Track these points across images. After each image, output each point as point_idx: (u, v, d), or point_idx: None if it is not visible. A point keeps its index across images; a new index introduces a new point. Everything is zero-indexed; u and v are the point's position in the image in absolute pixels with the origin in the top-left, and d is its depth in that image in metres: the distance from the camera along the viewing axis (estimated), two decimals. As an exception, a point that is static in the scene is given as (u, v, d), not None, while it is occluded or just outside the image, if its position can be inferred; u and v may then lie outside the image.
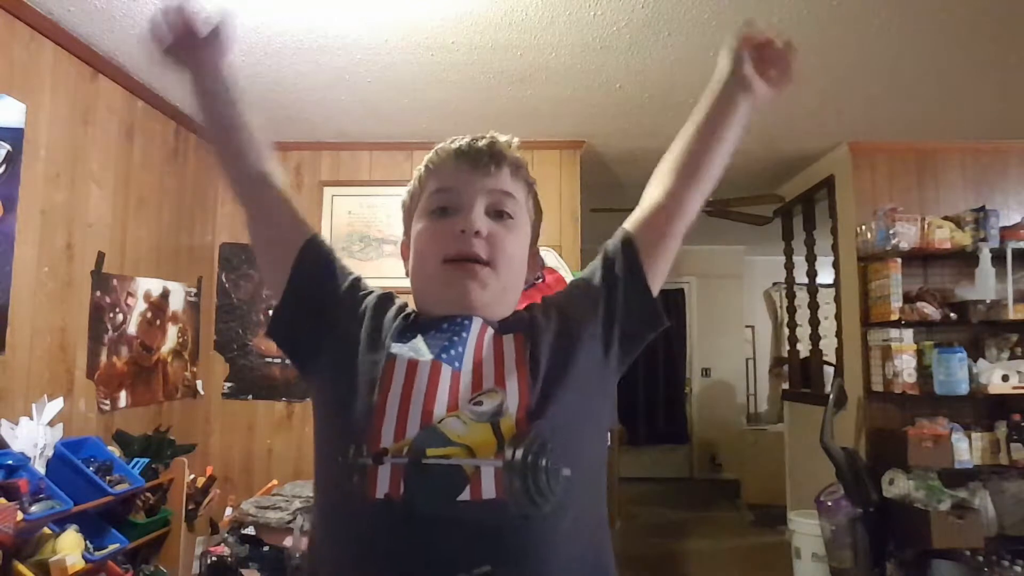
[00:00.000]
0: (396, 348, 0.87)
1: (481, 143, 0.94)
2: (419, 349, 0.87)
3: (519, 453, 0.77)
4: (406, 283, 0.98)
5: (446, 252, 0.89)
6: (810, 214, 4.56)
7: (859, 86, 3.11)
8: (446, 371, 0.84)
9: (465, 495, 0.76)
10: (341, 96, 3.25)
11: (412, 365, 0.84)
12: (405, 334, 0.90)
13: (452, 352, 0.86)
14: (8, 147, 2.34)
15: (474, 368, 0.84)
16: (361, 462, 0.78)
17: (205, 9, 0.92)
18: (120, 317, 3.00)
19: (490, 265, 0.89)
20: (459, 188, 0.92)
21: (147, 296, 3.19)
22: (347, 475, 0.79)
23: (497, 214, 0.91)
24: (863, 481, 3.40)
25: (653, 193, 1.01)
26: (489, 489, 0.76)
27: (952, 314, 3.48)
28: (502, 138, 0.96)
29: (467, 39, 2.68)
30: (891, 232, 3.52)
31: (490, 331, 0.89)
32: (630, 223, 0.98)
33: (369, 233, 3.89)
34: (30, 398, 2.42)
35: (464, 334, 0.88)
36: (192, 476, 3.12)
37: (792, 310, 5.06)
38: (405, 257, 0.98)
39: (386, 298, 0.97)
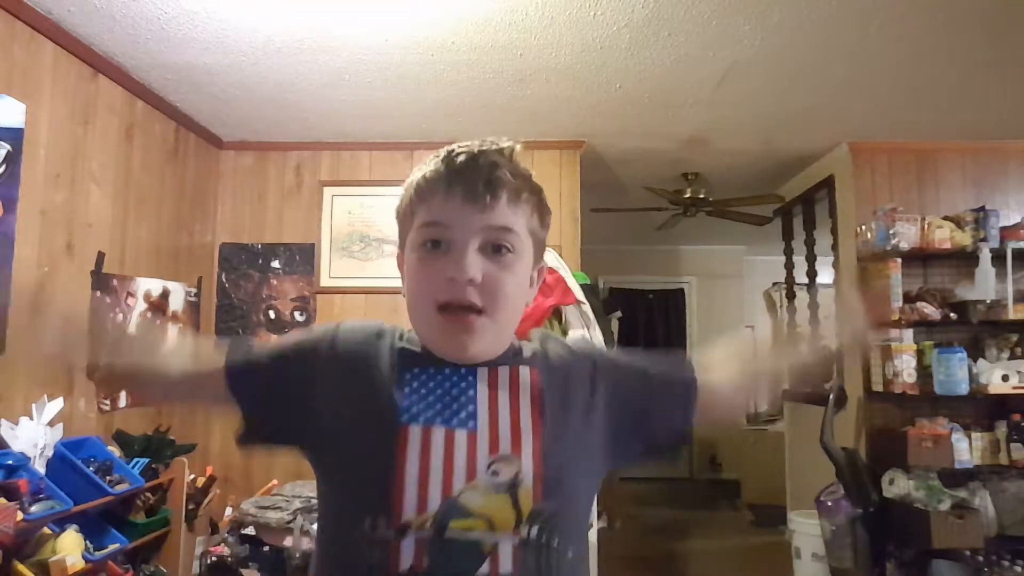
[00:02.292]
0: (406, 412, 0.83)
1: (479, 165, 0.84)
2: (429, 408, 0.84)
3: (535, 531, 0.80)
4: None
5: (438, 297, 0.84)
6: (810, 214, 4.56)
7: (859, 86, 3.11)
8: (460, 436, 0.83)
9: (484, 568, 0.78)
10: (341, 96, 3.25)
11: (426, 434, 0.82)
12: (408, 381, 0.86)
13: (463, 413, 0.84)
14: (8, 147, 2.34)
15: (490, 426, 0.84)
16: (382, 535, 0.79)
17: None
18: (120, 317, 3.00)
19: (485, 312, 0.84)
20: (451, 224, 0.84)
21: (147, 296, 3.19)
22: (368, 548, 0.79)
23: (494, 249, 0.85)
24: (863, 481, 3.40)
25: (727, 378, 0.98)
26: (506, 564, 0.78)
27: (952, 314, 3.48)
28: (502, 149, 0.87)
29: (467, 39, 2.68)
30: (891, 232, 3.51)
31: (502, 374, 0.88)
32: (701, 373, 0.95)
33: (369, 233, 3.89)
34: (30, 398, 2.42)
35: (471, 391, 0.86)
36: (192, 476, 3.12)
37: (792, 310, 5.06)
38: (402, 271, 0.94)
39: (370, 337, 0.91)
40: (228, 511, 3.47)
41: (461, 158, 0.85)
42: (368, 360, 0.88)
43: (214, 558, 3.25)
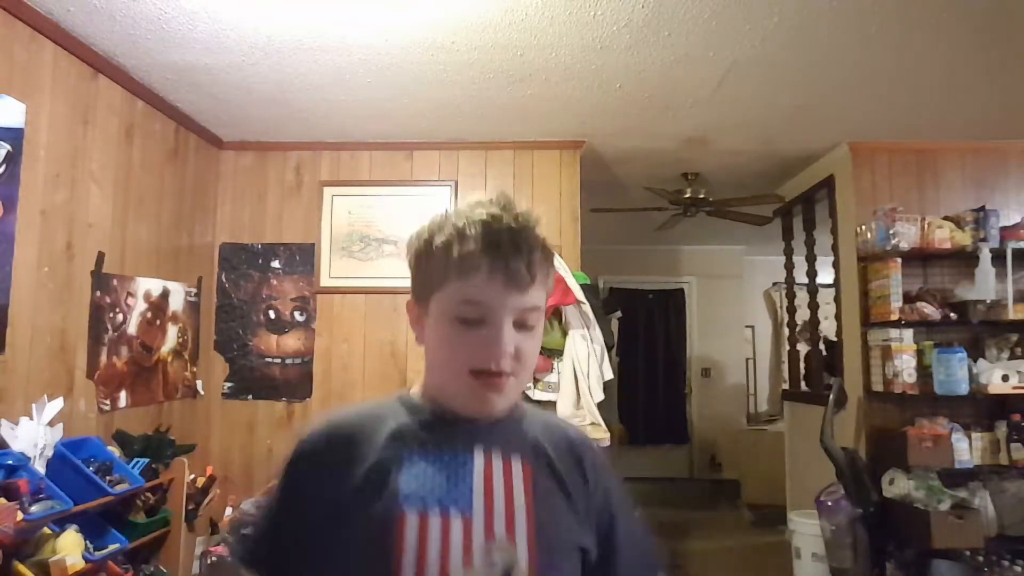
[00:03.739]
0: (404, 498, 0.86)
1: (520, 249, 0.88)
2: (427, 493, 0.86)
3: None
4: (406, 283, 0.97)
5: (472, 365, 0.88)
6: (810, 214, 4.56)
7: (859, 86, 3.10)
8: (456, 523, 0.85)
9: None
10: (341, 96, 3.25)
11: (423, 522, 0.84)
12: (407, 465, 0.88)
13: (459, 497, 0.87)
14: (8, 147, 2.34)
15: (485, 512, 0.87)
16: None
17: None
18: (120, 317, 3.00)
19: (514, 376, 0.89)
20: (490, 305, 0.87)
21: (147, 296, 3.19)
22: None
23: (523, 325, 0.89)
24: (863, 481, 3.40)
25: None
26: None
27: (952, 314, 3.48)
28: (528, 227, 0.90)
29: (467, 39, 2.68)
30: (891, 232, 3.51)
31: (496, 462, 0.91)
32: None
33: (369, 233, 3.89)
34: (30, 398, 2.42)
35: (469, 476, 0.89)
36: (192, 476, 3.12)
37: (792, 310, 5.06)
38: (415, 322, 0.96)
39: (353, 439, 0.91)
40: (228, 511, 3.47)
41: (504, 238, 0.88)
42: (350, 459, 0.89)
43: (214, 558, 3.25)
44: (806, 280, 4.66)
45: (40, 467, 2.32)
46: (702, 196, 4.67)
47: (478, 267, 0.87)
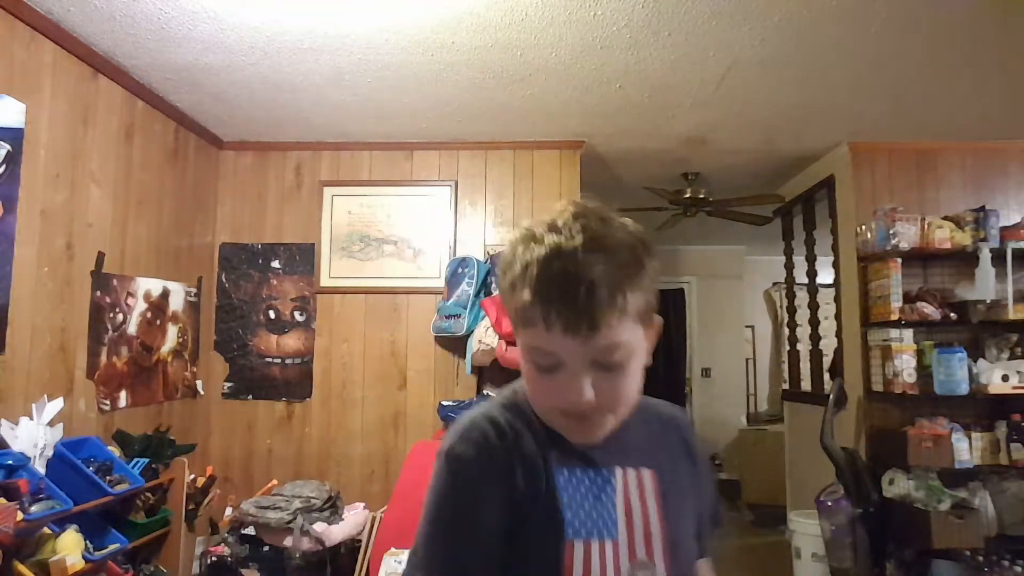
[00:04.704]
0: (569, 526, 0.87)
1: (576, 290, 0.78)
2: (585, 518, 0.88)
3: None
4: (406, 283, 0.97)
5: (558, 406, 0.85)
6: (810, 214, 4.56)
7: (859, 86, 3.10)
8: (608, 547, 0.88)
9: None
10: (341, 96, 3.25)
11: (587, 550, 0.87)
12: (563, 487, 0.89)
13: (608, 520, 0.89)
14: (8, 147, 2.34)
15: (628, 532, 0.90)
16: None
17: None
18: (120, 317, 3.00)
19: (606, 411, 0.85)
20: (557, 352, 0.81)
21: (147, 296, 3.19)
22: None
23: (604, 365, 0.82)
24: (863, 481, 3.40)
25: None
26: None
27: (952, 314, 3.48)
28: (597, 247, 0.80)
29: (467, 39, 2.68)
30: (891, 232, 3.51)
31: (631, 480, 0.93)
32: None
33: (369, 233, 3.89)
34: (30, 398, 2.43)
35: (612, 497, 0.91)
36: (192, 476, 3.12)
37: (792, 310, 5.06)
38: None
39: (505, 455, 0.87)
40: (228, 511, 3.47)
41: (560, 282, 0.79)
42: (511, 470, 0.87)
43: (214, 558, 3.25)
44: (806, 280, 4.66)
45: (40, 467, 2.32)
46: (702, 196, 4.67)
47: (535, 319, 0.81)
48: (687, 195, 4.65)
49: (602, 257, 0.80)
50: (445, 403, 3.60)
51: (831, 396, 3.66)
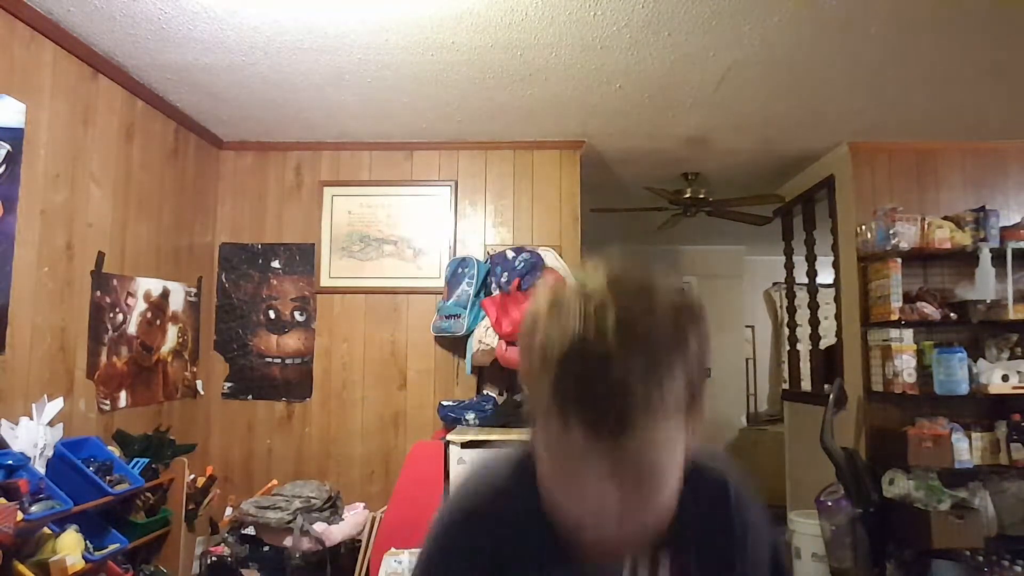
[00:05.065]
0: None
1: (605, 398, 0.64)
2: None
3: None
4: (406, 283, 0.97)
5: (576, 517, 0.73)
6: (810, 214, 4.56)
7: (859, 86, 3.10)
8: None
9: None
10: (341, 96, 3.25)
11: None
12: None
13: None
14: (8, 147, 2.34)
15: None
16: None
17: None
18: (120, 317, 3.00)
19: (633, 526, 0.72)
20: (579, 460, 0.68)
21: (147, 296, 3.19)
22: None
23: (637, 474, 0.69)
24: (863, 481, 3.40)
25: None
26: None
27: (952, 314, 3.48)
28: (634, 321, 0.66)
29: (467, 39, 2.68)
30: (891, 232, 3.51)
31: (642, 571, 0.81)
32: None
33: (369, 233, 3.89)
34: (30, 398, 2.43)
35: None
36: (192, 476, 3.12)
37: (792, 310, 5.06)
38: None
39: (492, 560, 0.79)
40: (228, 511, 3.47)
41: (577, 379, 0.65)
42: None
43: (214, 558, 3.25)
44: (806, 280, 4.66)
45: (40, 467, 2.32)
46: (702, 196, 4.67)
47: (551, 416, 0.68)
48: (687, 195, 4.65)
49: (636, 347, 0.65)
50: (445, 403, 3.60)
51: (831, 396, 3.66)
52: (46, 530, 2.19)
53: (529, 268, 3.53)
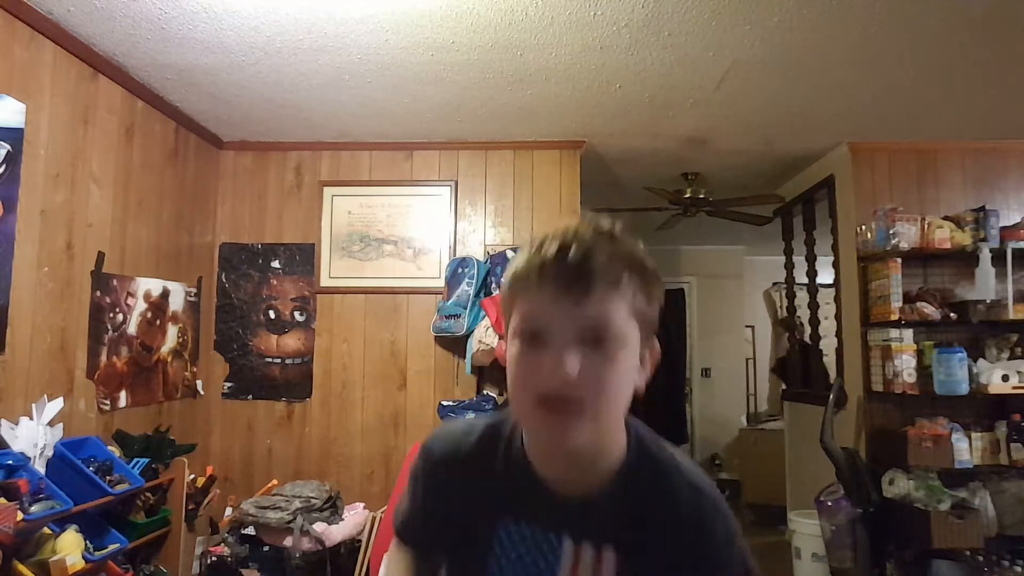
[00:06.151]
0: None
1: (570, 255, 0.79)
2: (510, 573, 0.88)
3: None
4: (406, 283, 0.98)
5: (537, 390, 0.80)
6: (810, 214, 4.56)
7: (859, 86, 3.10)
8: None
9: None
10: (341, 96, 3.25)
11: None
12: (501, 541, 0.89)
13: None
14: (8, 147, 2.34)
15: None
16: None
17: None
18: (120, 317, 3.00)
19: (584, 407, 0.79)
20: (546, 317, 0.80)
21: (147, 296, 3.19)
22: None
23: (594, 340, 0.79)
24: (863, 481, 3.40)
25: None
26: None
27: (952, 314, 3.48)
28: (600, 231, 0.83)
29: (467, 39, 2.68)
30: (891, 232, 3.51)
31: (586, 555, 0.86)
32: None
33: (369, 233, 3.89)
34: (30, 398, 2.43)
35: (555, 566, 0.86)
36: (192, 476, 3.12)
37: (792, 310, 5.06)
38: (502, 360, 0.94)
39: (464, 475, 0.94)
40: (228, 511, 3.47)
41: (552, 248, 0.81)
42: (463, 493, 0.93)
43: (214, 558, 3.25)
44: (806, 280, 4.66)
45: (40, 467, 2.32)
46: (702, 196, 4.67)
47: (529, 282, 0.81)
48: (687, 195, 4.65)
49: (608, 240, 0.81)
50: (445, 403, 3.60)
51: (831, 396, 3.66)
52: (46, 530, 2.19)
53: (529, 268, 3.53)
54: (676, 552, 0.86)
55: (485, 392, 3.70)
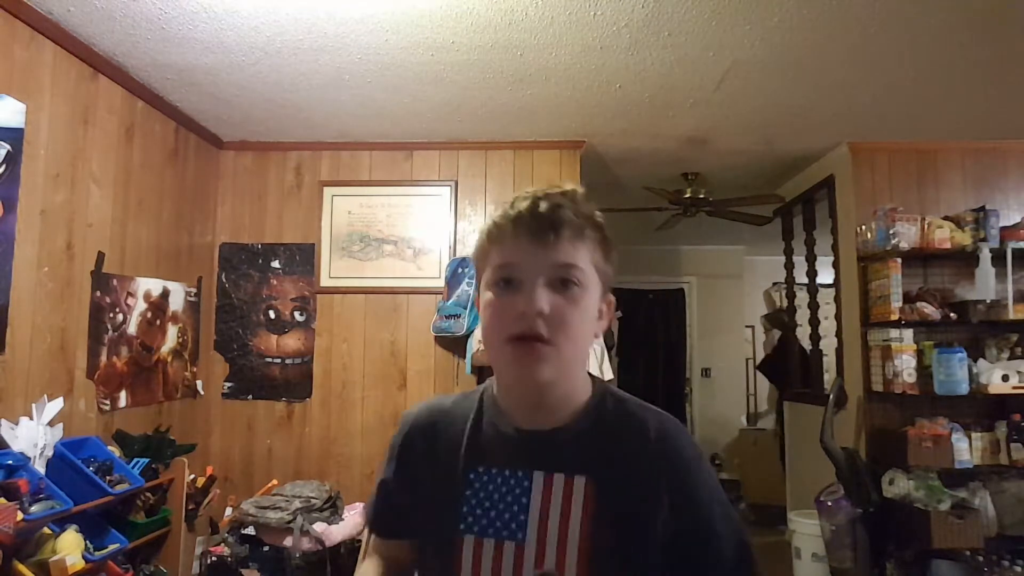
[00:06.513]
0: (463, 522, 0.93)
1: (541, 207, 0.90)
2: (484, 517, 0.92)
3: None
4: (406, 283, 1.00)
5: (509, 331, 0.89)
6: (810, 214, 4.56)
7: (859, 86, 3.10)
8: (508, 548, 0.90)
9: None
10: (341, 96, 3.25)
11: (478, 548, 0.91)
12: (472, 483, 0.94)
13: (515, 523, 0.90)
14: (8, 147, 2.34)
15: (538, 539, 0.89)
16: None
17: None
18: (120, 317, 3.00)
19: (552, 343, 0.88)
20: (519, 263, 0.90)
21: (147, 296, 3.19)
22: None
23: (561, 283, 0.90)
24: (863, 481, 3.40)
25: None
26: None
27: (952, 314, 3.48)
28: (564, 191, 0.94)
29: (467, 39, 2.68)
30: (891, 232, 3.51)
31: (557, 485, 0.91)
32: None
33: (369, 233, 3.89)
34: (30, 398, 2.43)
35: (526, 501, 0.91)
36: (192, 476, 3.12)
37: (792, 310, 5.06)
38: (480, 310, 0.99)
39: (437, 434, 1.01)
40: (228, 511, 3.47)
41: (526, 203, 0.92)
42: (438, 448, 0.99)
43: (214, 558, 3.25)
44: (806, 280, 4.66)
45: (40, 467, 2.31)
46: (702, 196, 4.67)
47: (505, 232, 0.92)
48: (687, 195, 4.65)
49: (572, 201, 0.93)
50: (445, 403, 3.59)
51: (831, 396, 3.66)
52: (46, 530, 2.19)
53: (529, 268, 3.53)
54: (647, 475, 0.91)
55: (485, 392, 3.69)
